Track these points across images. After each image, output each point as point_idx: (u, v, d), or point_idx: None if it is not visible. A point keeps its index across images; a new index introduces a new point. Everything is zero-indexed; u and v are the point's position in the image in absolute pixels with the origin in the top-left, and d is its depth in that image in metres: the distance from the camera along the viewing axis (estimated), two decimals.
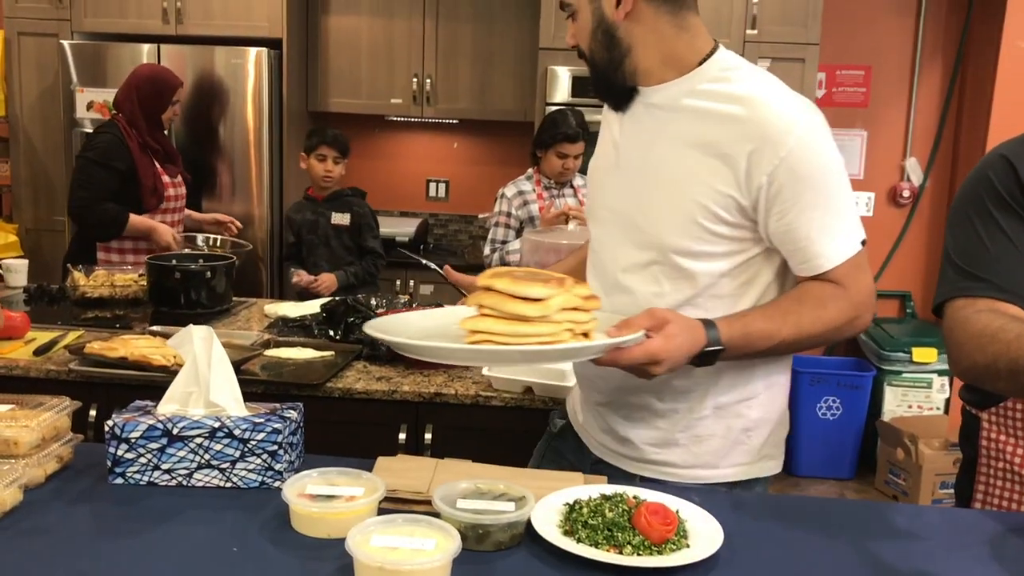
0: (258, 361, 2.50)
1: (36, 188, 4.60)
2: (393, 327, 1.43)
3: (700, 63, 1.49)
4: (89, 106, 4.33)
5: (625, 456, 1.62)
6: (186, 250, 3.44)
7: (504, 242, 3.58)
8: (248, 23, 4.34)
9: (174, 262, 3.12)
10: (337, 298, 2.78)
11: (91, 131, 3.94)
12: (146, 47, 4.28)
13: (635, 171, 1.54)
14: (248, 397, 1.45)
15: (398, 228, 4.64)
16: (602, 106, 1.63)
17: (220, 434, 1.34)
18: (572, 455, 1.75)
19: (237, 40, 4.31)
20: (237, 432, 1.33)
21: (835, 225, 1.45)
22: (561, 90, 4.21)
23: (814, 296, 1.48)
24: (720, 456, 1.57)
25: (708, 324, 1.43)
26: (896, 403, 4.50)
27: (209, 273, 3.03)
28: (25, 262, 3.36)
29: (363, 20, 4.53)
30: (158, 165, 3.49)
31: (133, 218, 3.42)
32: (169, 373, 2.33)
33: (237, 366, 2.43)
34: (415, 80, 4.54)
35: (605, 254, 1.62)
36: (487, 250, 3.61)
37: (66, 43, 4.31)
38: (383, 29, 4.46)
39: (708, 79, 1.48)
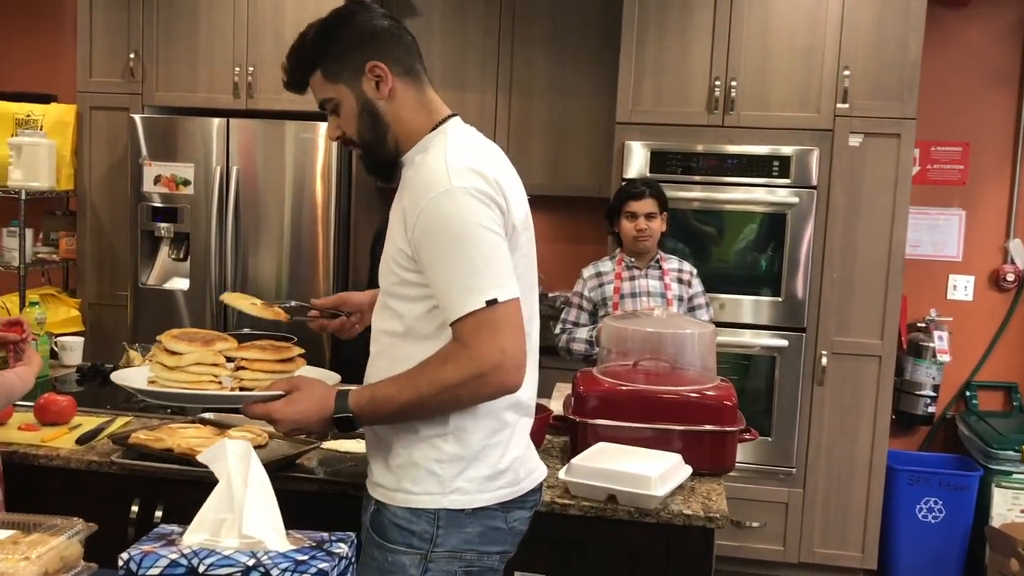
0: (315, 454, 2.30)
1: (101, 262, 4.54)
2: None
3: (428, 133, 1.74)
4: (157, 180, 4.27)
5: (369, 480, 1.81)
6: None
7: (575, 323, 3.39)
8: None
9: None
10: None
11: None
12: (216, 121, 4.22)
13: (388, 229, 1.77)
14: (299, 498, 1.26)
15: None
16: (679, 181, 1.65)
17: (255, 574, 1.12)
18: None
19: (307, 115, 4.22)
20: (275, 572, 1.12)
21: (461, 280, 1.59)
22: (637, 165, 4.02)
23: (438, 357, 1.64)
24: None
25: (340, 394, 1.69)
26: (1006, 506, 4.09)
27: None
28: (80, 340, 3.24)
29: None
30: None
31: None
32: None
33: (290, 460, 2.25)
34: None
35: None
36: (557, 328, 3.43)
37: (137, 117, 4.28)
38: (454, 103, 4.29)
39: (418, 149, 1.73)
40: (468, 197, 1.61)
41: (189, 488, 2.19)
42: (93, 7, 4.40)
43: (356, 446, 2.34)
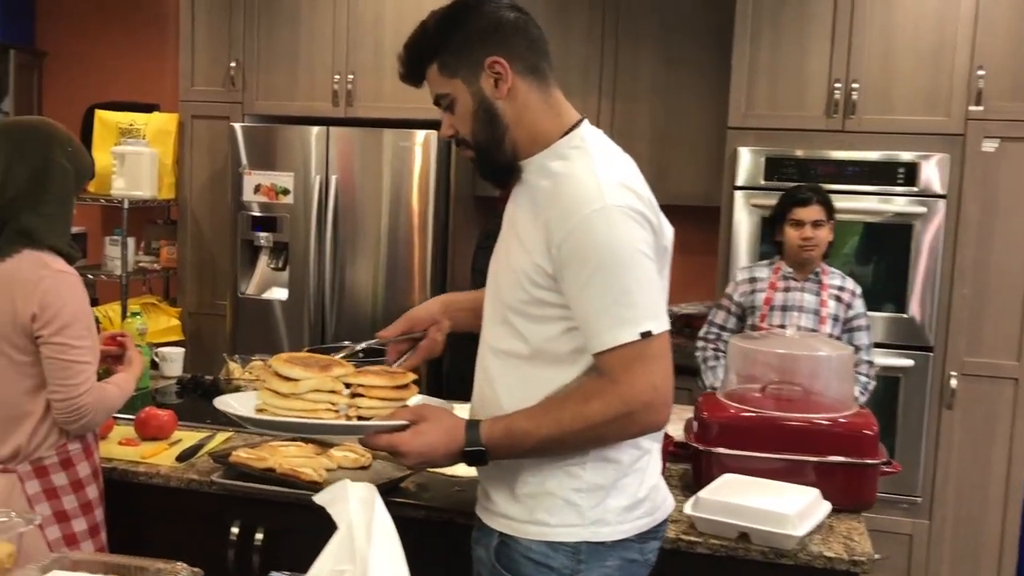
0: (417, 477, 2.17)
1: (201, 272, 4.54)
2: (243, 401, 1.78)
3: (560, 137, 1.60)
4: (257, 189, 4.24)
5: (488, 509, 1.68)
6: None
7: (722, 327, 3.24)
8: (418, 105, 4.11)
9: (333, 354, 2.88)
10: None
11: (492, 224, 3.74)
12: (315, 129, 4.17)
13: (505, 239, 1.68)
14: (400, 524, 1.14)
15: None
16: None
17: None
18: None
19: (406, 123, 4.15)
20: None
21: (613, 309, 1.47)
22: (750, 172, 3.80)
23: (581, 391, 1.52)
24: None
25: (471, 425, 1.57)
26: None
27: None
28: (181, 351, 3.20)
29: None
30: None
31: None
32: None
33: (395, 484, 2.13)
34: None
35: (484, 308, 1.73)
36: (702, 331, 3.31)
37: (237, 126, 4.26)
38: None
39: (554, 156, 1.59)
40: (625, 217, 1.49)
41: (291, 511, 2.10)
42: (195, 17, 4.42)
43: (462, 470, 2.20)
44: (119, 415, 2.54)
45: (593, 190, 1.50)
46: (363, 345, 2.04)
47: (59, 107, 5.10)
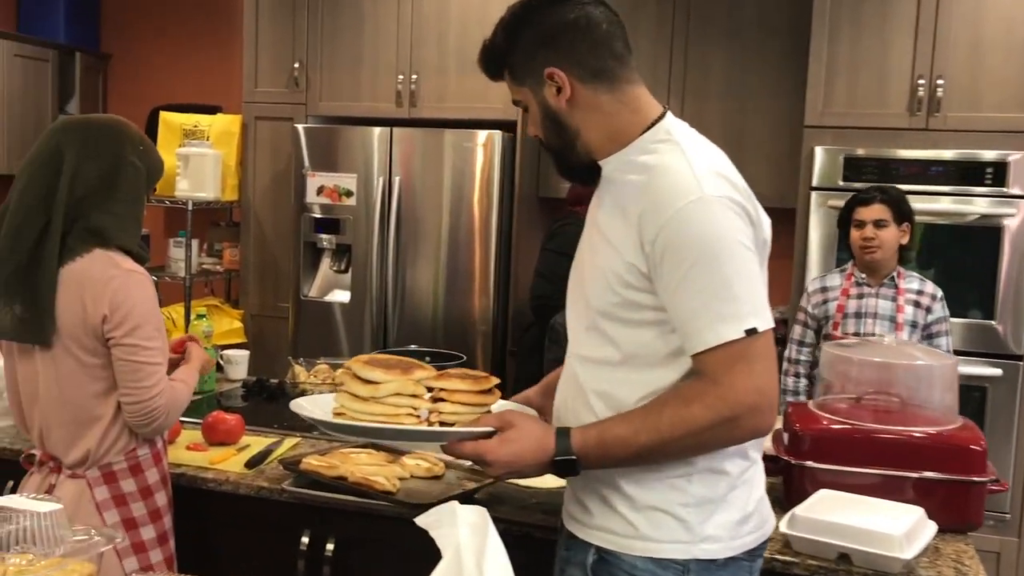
0: (491, 488, 2.09)
1: (264, 274, 4.52)
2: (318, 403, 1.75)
3: (643, 133, 1.52)
4: (319, 191, 4.21)
5: (581, 522, 1.57)
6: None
7: (800, 343, 3.13)
8: (483, 104, 4.10)
9: None
10: None
11: (556, 225, 3.68)
12: (378, 130, 4.13)
13: (588, 241, 1.60)
14: None
15: None
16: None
17: None
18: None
19: (470, 123, 4.08)
20: None
21: (715, 305, 1.39)
22: (828, 172, 3.66)
23: (680, 395, 1.43)
24: None
25: (561, 433, 1.48)
26: None
27: None
28: (246, 354, 3.16)
29: None
30: None
31: None
32: (395, 502, 1.96)
33: (468, 495, 2.03)
34: None
35: (568, 315, 1.64)
36: (786, 351, 3.18)
37: (300, 127, 4.23)
38: None
39: (639, 151, 1.51)
40: (723, 208, 1.40)
41: (363, 521, 2.03)
42: (259, 18, 4.40)
43: (538, 481, 2.11)
44: (186, 419, 2.50)
45: (688, 181, 1.41)
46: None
47: (123, 109, 5.13)
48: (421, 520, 1.12)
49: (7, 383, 2.02)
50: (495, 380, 1.69)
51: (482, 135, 3.99)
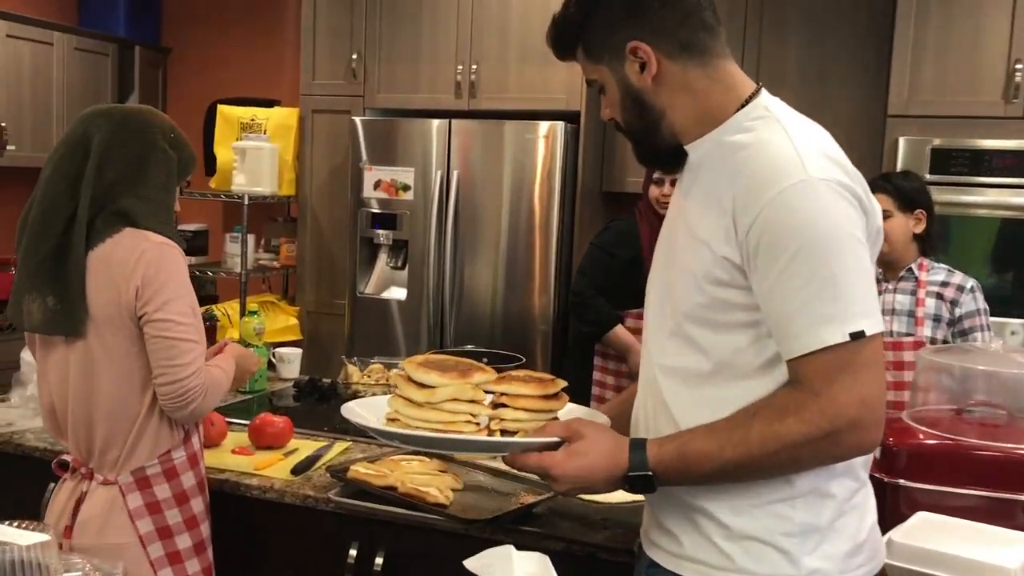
0: (552, 503, 1.93)
1: (320, 270, 4.43)
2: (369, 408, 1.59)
3: (736, 112, 1.36)
4: (376, 185, 4.10)
5: (669, 552, 1.40)
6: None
7: None
8: (545, 95, 3.95)
9: None
10: None
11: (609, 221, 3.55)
12: (436, 122, 4.00)
13: (671, 233, 1.44)
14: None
15: None
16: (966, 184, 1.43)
17: None
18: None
19: (531, 114, 3.93)
20: None
21: (816, 304, 1.23)
22: (913, 164, 3.41)
23: (773, 406, 1.27)
24: None
25: (635, 445, 1.34)
26: None
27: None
28: (299, 352, 3.06)
29: None
30: None
31: (620, 330, 3.04)
32: (449, 517, 1.82)
33: (527, 510, 1.87)
34: None
35: (645, 330, 1.49)
36: None
37: (358, 119, 4.13)
38: None
39: (734, 130, 1.35)
40: (831, 192, 1.24)
41: (414, 535, 1.90)
42: (317, 9, 4.30)
43: (603, 496, 1.95)
44: (234, 420, 2.40)
45: (790, 160, 1.25)
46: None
47: (183, 103, 5.10)
48: (472, 564, 0.97)
49: (39, 384, 1.93)
50: (562, 383, 1.54)
51: (544, 126, 3.84)
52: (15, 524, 1.14)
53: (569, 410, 1.57)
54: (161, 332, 1.75)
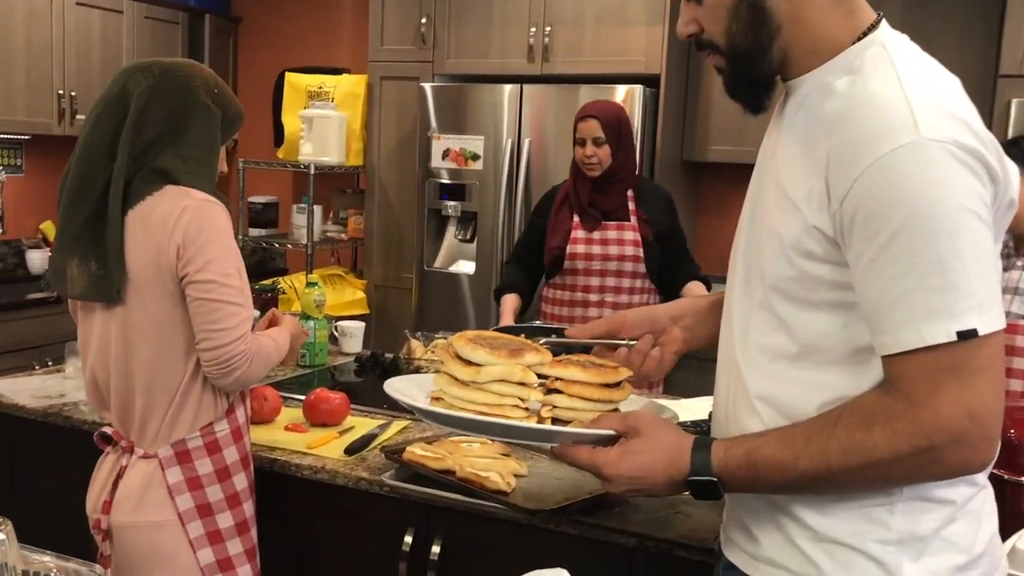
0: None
1: (388, 243, 4.31)
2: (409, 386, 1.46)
3: (851, 45, 1.14)
4: (445, 154, 3.95)
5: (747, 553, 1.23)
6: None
7: None
8: (623, 58, 3.74)
9: (523, 336, 2.52)
10: None
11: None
12: (507, 88, 3.82)
13: (759, 190, 1.24)
14: (608, 553, 0.71)
15: None
16: None
17: None
18: None
19: (608, 78, 3.72)
20: None
21: (919, 293, 1.01)
22: None
23: (860, 412, 1.07)
24: None
25: (699, 446, 1.17)
26: None
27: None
28: (361, 326, 2.93)
29: None
30: (577, 217, 2.88)
31: (504, 300, 2.92)
32: (510, 506, 1.66)
33: (596, 501, 1.70)
34: None
35: (727, 297, 1.30)
36: None
37: (427, 86, 3.98)
38: None
39: (842, 69, 1.14)
40: (948, 158, 1.02)
41: (473, 523, 1.75)
42: None
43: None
44: (290, 395, 2.29)
45: (900, 116, 1.04)
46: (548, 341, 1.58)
47: (252, 72, 5.03)
48: None
49: (81, 355, 1.84)
50: (626, 372, 1.36)
51: (621, 90, 3.63)
52: None
53: (632, 402, 1.39)
54: (203, 294, 1.63)
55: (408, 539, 1.82)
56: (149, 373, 1.69)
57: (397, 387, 1.43)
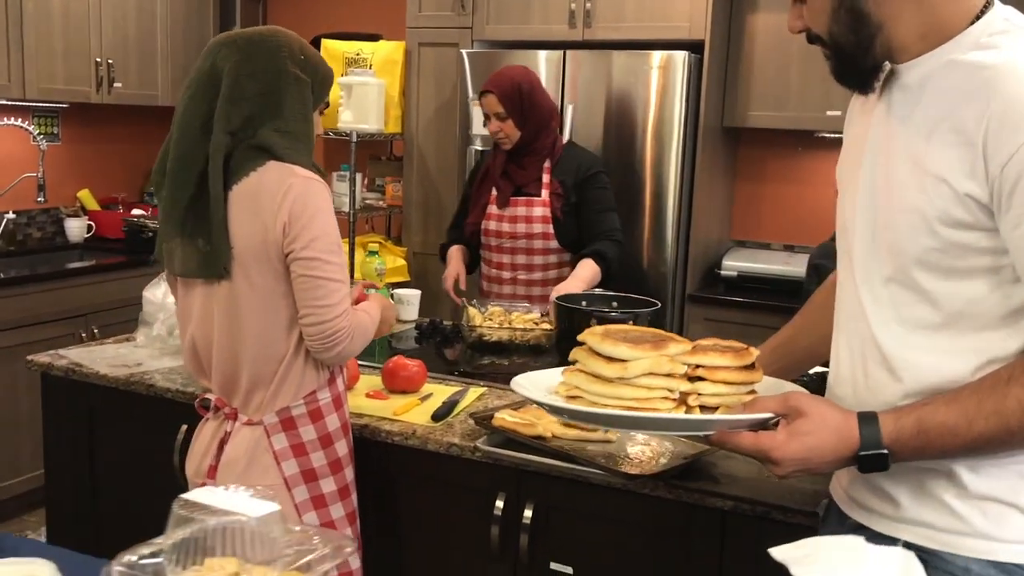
0: (713, 457, 1.79)
1: (427, 210, 4.32)
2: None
3: (968, 27, 1.18)
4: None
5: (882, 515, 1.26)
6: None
7: None
8: (666, 24, 3.72)
9: (584, 304, 2.55)
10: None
11: None
12: (544, 54, 3.81)
13: (879, 167, 1.26)
14: (705, 516, 0.73)
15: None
16: None
17: None
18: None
19: (650, 44, 3.71)
20: None
21: None
22: None
23: None
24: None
25: (866, 420, 1.18)
26: None
27: (631, 322, 2.40)
28: (418, 293, 2.96)
29: None
30: (495, 191, 2.90)
31: (450, 253, 3.01)
32: (608, 471, 1.69)
33: (688, 465, 1.66)
34: None
35: (846, 272, 1.32)
36: None
37: (465, 52, 3.96)
38: None
39: (969, 46, 1.17)
40: None
41: (566, 487, 1.78)
42: None
43: None
44: (363, 362, 2.32)
45: None
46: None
47: None
48: (779, 553, 0.82)
49: (180, 324, 1.86)
50: (755, 352, 1.38)
51: (657, 56, 3.62)
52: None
53: (767, 382, 1.41)
54: (308, 271, 1.66)
55: (500, 503, 1.85)
56: (255, 346, 1.71)
57: (527, 386, 1.43)
